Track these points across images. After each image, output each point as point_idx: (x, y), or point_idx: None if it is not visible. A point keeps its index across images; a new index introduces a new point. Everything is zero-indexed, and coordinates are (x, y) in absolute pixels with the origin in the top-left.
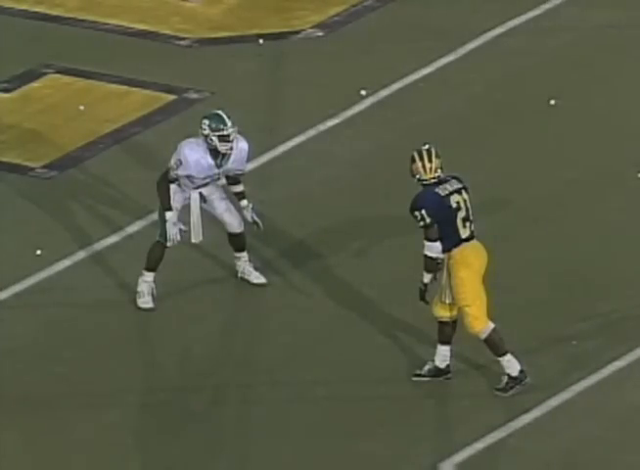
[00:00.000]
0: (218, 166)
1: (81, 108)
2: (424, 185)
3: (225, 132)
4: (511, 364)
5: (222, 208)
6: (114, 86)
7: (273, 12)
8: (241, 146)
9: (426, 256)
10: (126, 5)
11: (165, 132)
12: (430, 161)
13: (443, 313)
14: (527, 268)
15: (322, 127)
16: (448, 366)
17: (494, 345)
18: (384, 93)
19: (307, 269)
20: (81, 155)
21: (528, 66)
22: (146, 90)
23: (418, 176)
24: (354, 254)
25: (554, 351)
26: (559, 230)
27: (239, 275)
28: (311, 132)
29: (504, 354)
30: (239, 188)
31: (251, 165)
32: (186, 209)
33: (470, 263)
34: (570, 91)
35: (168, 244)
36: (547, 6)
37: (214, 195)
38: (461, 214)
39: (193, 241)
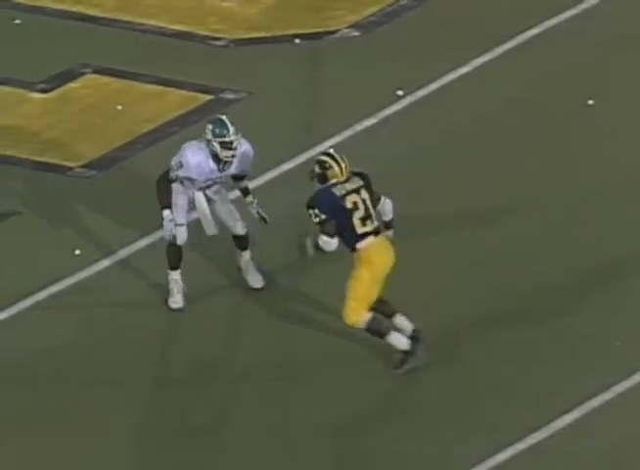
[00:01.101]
0: (220, 171)
1: (119, 108)
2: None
3: (227, 139)
4: (398, 341)
5: (225, 211)
6: (151, 86)
7: (309, 12)
8: (245, 149)
9: (319, 247)
10: (164, 5)
11: (202, 132)
12: (343, 161)
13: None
14: (574, 269)
15: (358, 127)
16: (410, 342)
17: (376, 332)
18: (420, 93)
19: (342, 270)
20: (119, 155)
21: (566, 65)
22: (183, 90)
23: (335, 180)
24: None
25: (595, 351)
26: (593, 230)
27: (241, 272)
28: (348, 132)
29: (387, 335)
30: (243, 184)
31: (287, 166)
32: (192, 208)
33: (372, 263)
34: (607, 91)
35: (166, 238)
36: (584, 6)
37: (217, 197)
38: (358, 214)
39: (209, 234)
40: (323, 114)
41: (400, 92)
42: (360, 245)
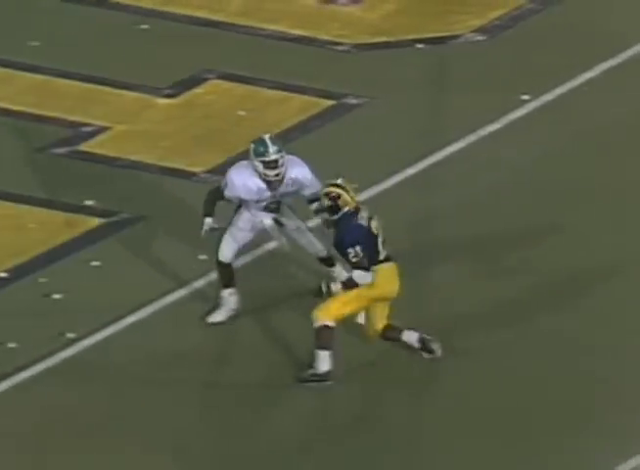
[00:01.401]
0: (271, 190)
1: (242, 113)
2: (344, 215)
3: (267, 159)
4: (324, 361)
5: (302, 239)
6: (273, 92)
7: (433, 16)
8: (297, 174)
9: (353, 281)
10: (286, 10)
11: (324, 138)
12: (349, 189)
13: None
14: None
15: (483, 132)
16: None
17: (322, 339)
18: (546, 98)
19: (471, 275)
20: (242, 160)
21: None
22: (305, 96)
23: (347, 210)
24: (520, 261)
25: None
26: None
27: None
28: (472, 137)
29: (324, 350)
30: (313, 206)
31: (410, 171)
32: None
33: (377, 286)
34: None
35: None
36: None
37: (289, 224)
38: (380, 239)
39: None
40: (446, 118)
41: (525, 97)
42: (375, 268)
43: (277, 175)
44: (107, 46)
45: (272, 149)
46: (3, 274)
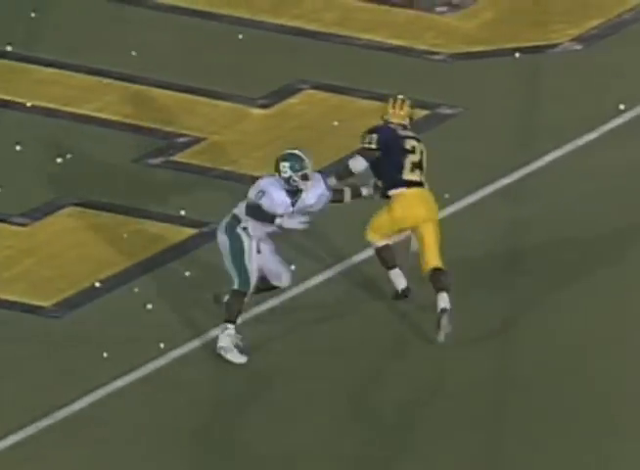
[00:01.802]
0: (293, 205)
1: (335, 124)
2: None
3: (306, 171)
4: (396, 279)
5: (272, 261)
6: (367, 102)
7: (530, 25)
8: (321, 192)
9: (347, 166)
10: (381, 20)
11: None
12: (401, 109)
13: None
14: None
15: (579, 142)
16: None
17: (382, 259)
18: None
19: (571, 286)
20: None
21: None
22: None
23: (386, 117)
24: (620, 271)
25: None
26: None
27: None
28: (568, 147)
29: (391, 268)
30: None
31: (505, 181)
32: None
33: (396, 212)
34: None
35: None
36: None
37: (266, 246)
38: (413, 158)
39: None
40: (543, 128)
41: (622, 106)
42: (393, 192)
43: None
44: (201, 56)
45: (308, 161)
46: (97, 284)
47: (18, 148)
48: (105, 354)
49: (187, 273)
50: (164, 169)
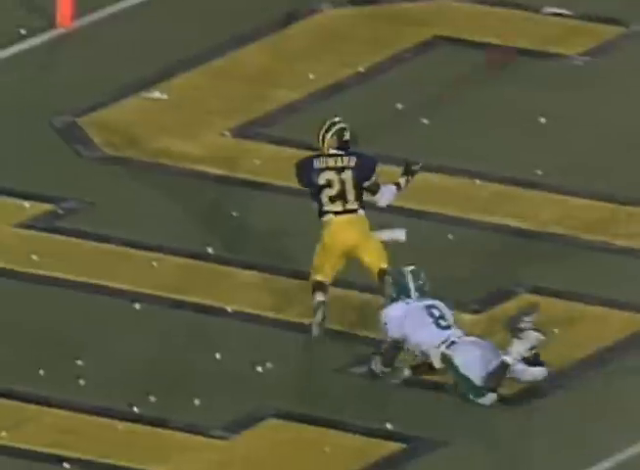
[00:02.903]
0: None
1: None
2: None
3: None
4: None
5: None
6: (592, 307)
7: None
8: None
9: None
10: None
11: None
12: (327, 132)
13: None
14: None
15: None
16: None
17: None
18: None
19: None
20: None
21: None
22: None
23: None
24: None
25: None
26: None
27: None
28: None
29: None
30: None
31: None
32: None
33: (322, 238)
34: None
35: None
36: None
37: None
38: (329, 192)
39: None
40: None
41: None
42: (323, 218)
43: None
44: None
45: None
46: None
47: (217, 356)
48: None
49: None
50: (369, 380)
